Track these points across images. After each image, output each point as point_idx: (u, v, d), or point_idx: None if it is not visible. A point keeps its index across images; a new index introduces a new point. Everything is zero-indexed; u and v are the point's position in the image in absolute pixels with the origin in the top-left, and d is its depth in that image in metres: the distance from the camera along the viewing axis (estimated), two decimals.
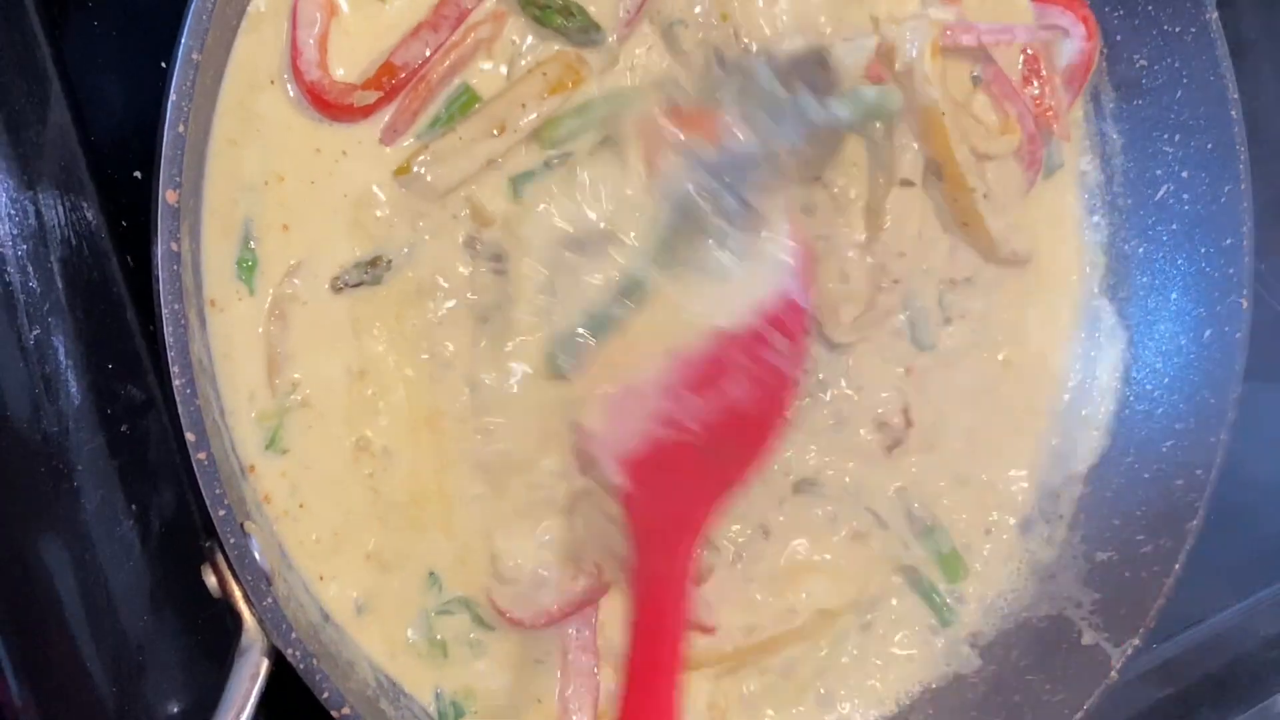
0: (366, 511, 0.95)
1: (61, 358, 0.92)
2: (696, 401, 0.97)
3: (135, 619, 0.94)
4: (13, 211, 0.91)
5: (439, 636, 0.98)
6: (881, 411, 1.13)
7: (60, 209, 0.93)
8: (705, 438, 0.97)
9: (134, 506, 0.94)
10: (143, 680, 0.94)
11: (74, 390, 0.91)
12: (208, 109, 0.87)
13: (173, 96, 0.78)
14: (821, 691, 1.12)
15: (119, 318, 0.94)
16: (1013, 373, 1.20)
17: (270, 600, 0.81)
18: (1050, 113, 1.16)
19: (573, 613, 1.00)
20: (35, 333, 0.91)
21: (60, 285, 0.92)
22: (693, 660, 1.06)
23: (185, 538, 0.95)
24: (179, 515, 0.96)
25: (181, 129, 0.78)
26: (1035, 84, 1.15)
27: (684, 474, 0.96)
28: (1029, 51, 1.15)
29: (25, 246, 0.91)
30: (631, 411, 0.97)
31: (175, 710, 0.95)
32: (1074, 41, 1.17)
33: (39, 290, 0.91)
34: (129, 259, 0.95)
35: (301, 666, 0.82)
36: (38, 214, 0.92)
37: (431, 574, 0.97)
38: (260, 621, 0.82)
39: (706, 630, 1.06)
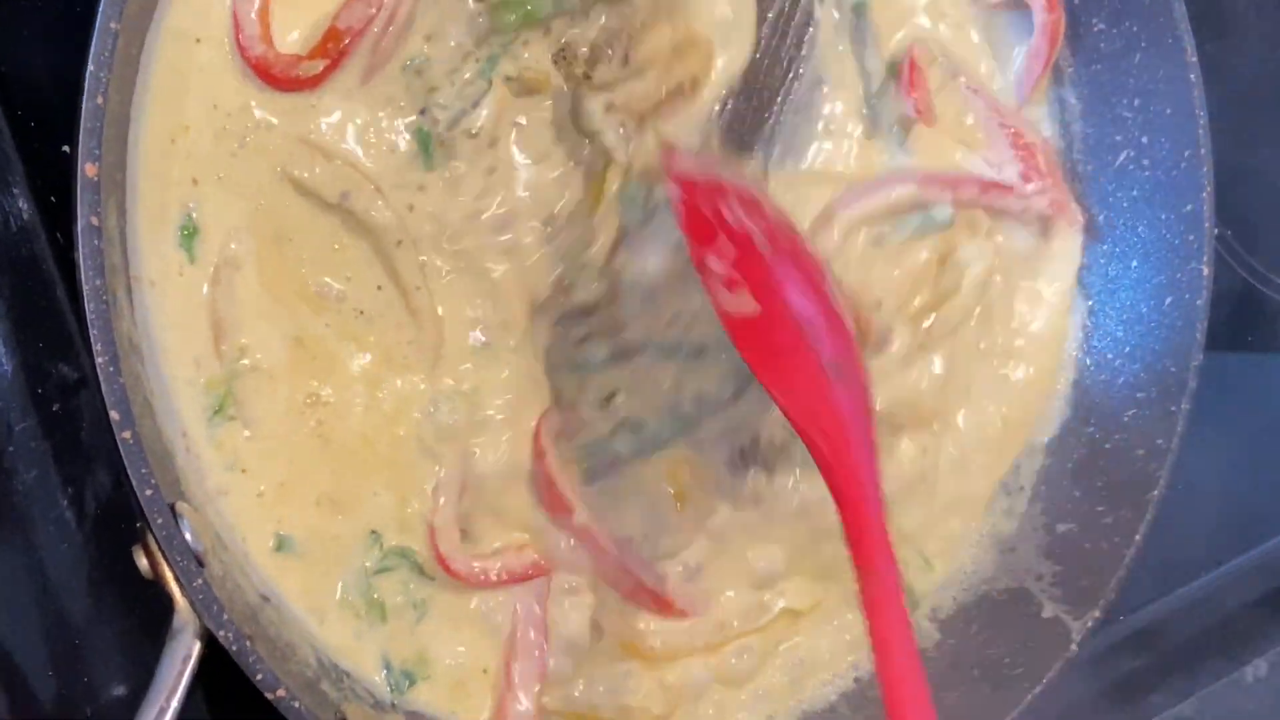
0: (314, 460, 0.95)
1: None
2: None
3: (73, 601, 0.93)
4: None
5: (376, 596, 0.97)
6: None
7: None
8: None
9: (69, 487, 0.93)
10: (81, 663, 0.93)
11: (4, 369, 0.90)
12: (133, 79, 0.85)
13: (90, 67, 0.77)
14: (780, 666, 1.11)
15: (49, 295, 0.93)
16: None
17: (201, 581, 0.80)
18: (1057, 204, 1.16)
19: (512, 582, 0.98)
20: None
21: None
22: (659, 653, 1.05)
23: (121, 518, 0.94)
24: (115, 495, 0.95)
25: (100, 100, 0.77)
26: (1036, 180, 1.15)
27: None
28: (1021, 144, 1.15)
29: None
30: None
31: (116, 693, 0.95)
32: (1037, 14, 1.16)
33: None
34: (58, 235, 0.94)
35: (234, 649, 0.81)
36: None
37: (373, 532, 0.96)
38: (192, 603, 0.80)
39: (681, 614, 1.05)
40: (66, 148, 0.94)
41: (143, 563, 0.82)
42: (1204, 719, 1.27)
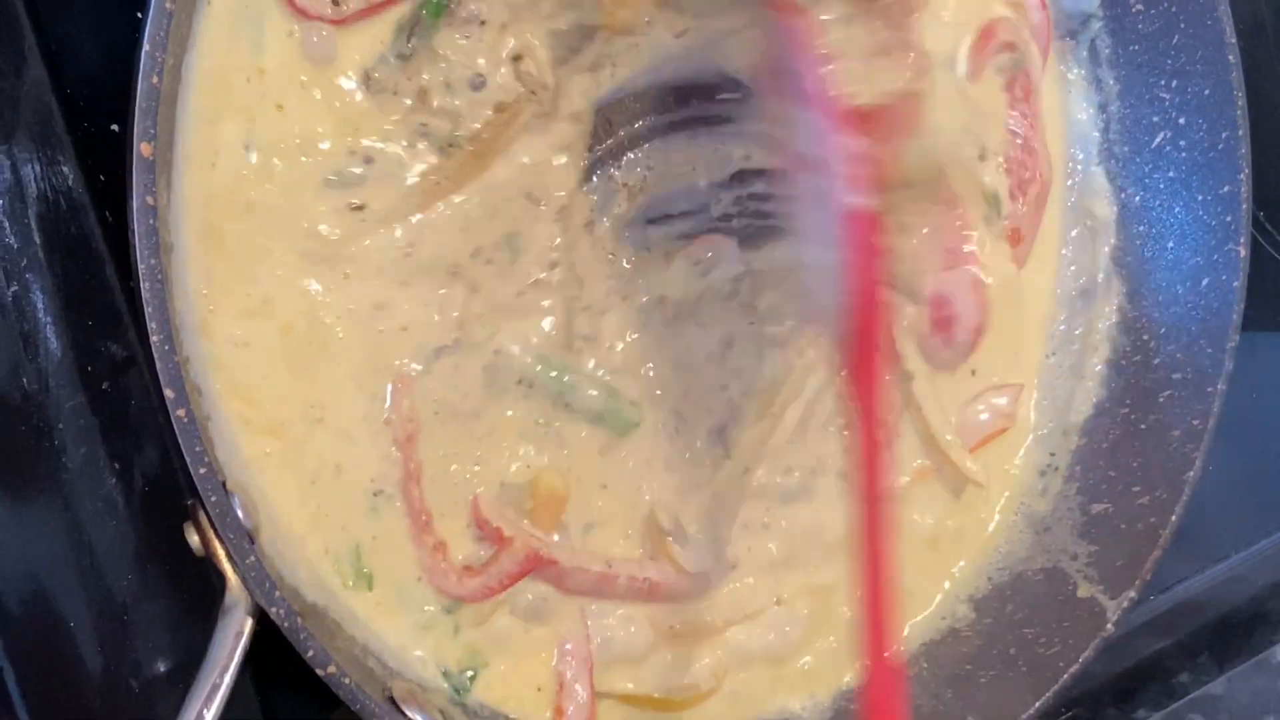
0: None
1: (40, 315, 0.90)
2: None
3: (119, 577, 0.93)
4: None
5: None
6: None
7: (36, 164, 0.91)
8: None
9: (116, 464, 0.93)
10: (128, 638, 0.93)
11: (54, 347, 0.90)
12: (181, 59, 0.85)
13: (146, 46, 0.77)
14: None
15: (98, 274, 0.93)
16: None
17: (253, 559, 0.80)
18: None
19: (517, 580, 0.98)
20: (13, 289, 0.89)
21: (38, 241, 0.91)
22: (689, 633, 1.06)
23: (169, 494, 0.94)
24: (162, 472, 0.95)
25: (155, 80, 0.77)
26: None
27: None
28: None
29: (1, 202, 0.90)
30: None
31: (162, 669, 0.95)
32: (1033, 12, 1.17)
33: (16, 247, 0.90)
34: (107, 214, 0.94)
35: (286, 625, 0.81)
36: (13, 169, 0.90)
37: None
38: (244, 580, 0.81)
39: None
40: (116, 126, 0.95)
41: (194, 540, 0.82)
42: (1233, 699, 1.27)
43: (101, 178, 0.94)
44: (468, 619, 0.98)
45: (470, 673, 0.98)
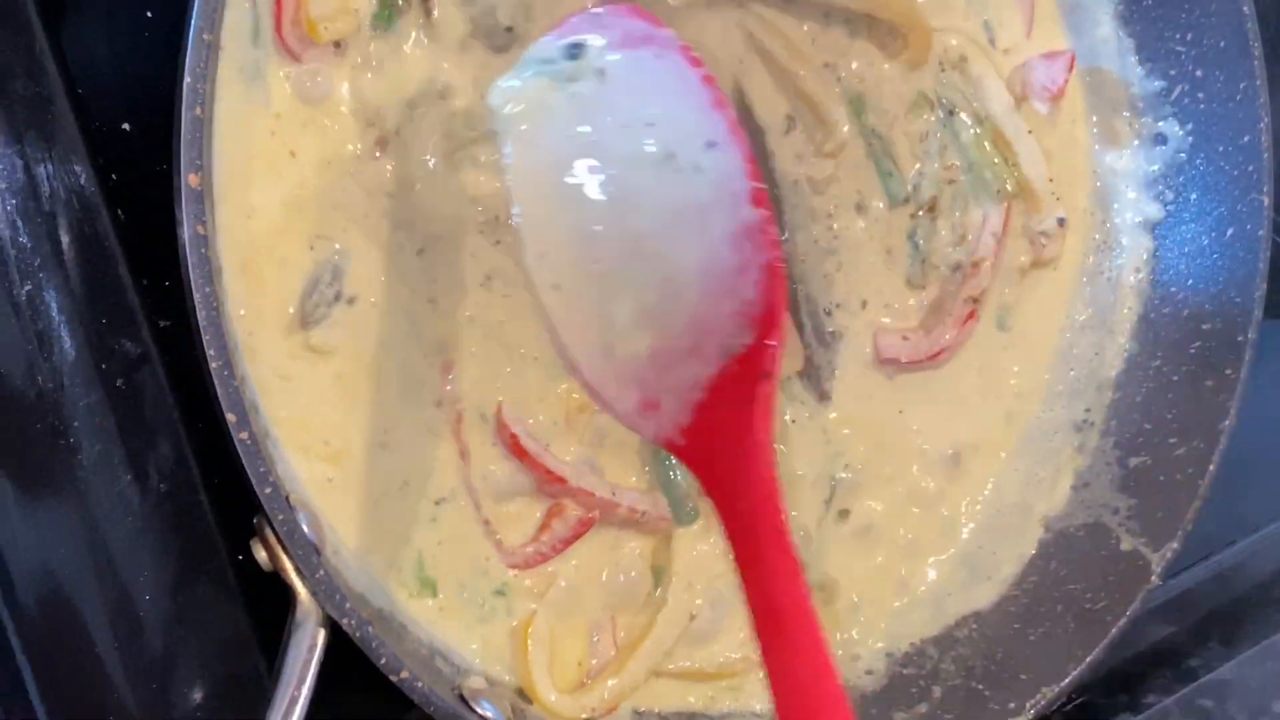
0: None
1: (54, 313, 0.91)
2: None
3: (136, 574, 0.94)
4: (1, 166, 0.90)
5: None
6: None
7: (49, 163, 0.92)
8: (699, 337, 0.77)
9: (132, 461, 0.94)
10: (144, 635, 0.94)
11: (68, 346, 0.91)
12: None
13: (187, 79, 0.77)
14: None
15: (111, 272, 0.94)
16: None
17: (322, 572, 0.82)
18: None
19: (568, 545, 1.01)
20: (27, 288, 0.90)
21: (51, 240, 0.92)
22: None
23: (185, 492, 0.96)
24: (177, 470, 0.96)
25: (198, 111, 0.78)
26: None
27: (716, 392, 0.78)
28: None
29: (14, 202, 0.90)
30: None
31: (180, 665, 0.96)
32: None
33: (29, 246, 0.91)
34: (119, 213, 0.95)
35: (358, 634, 0.82)
36: (26, 168, 0.91)
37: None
38: (314, 593, 0.82)
39: None
40: (127, 125, 0.96)
41: (262, 555, 0.84)
42: (1243, 684, 1.27)
43: (114, 176, 0.95)
44: (522, 601, 1.00)
45: None
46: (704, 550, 1.06)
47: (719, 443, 0.77)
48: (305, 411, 0.92)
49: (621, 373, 0.77)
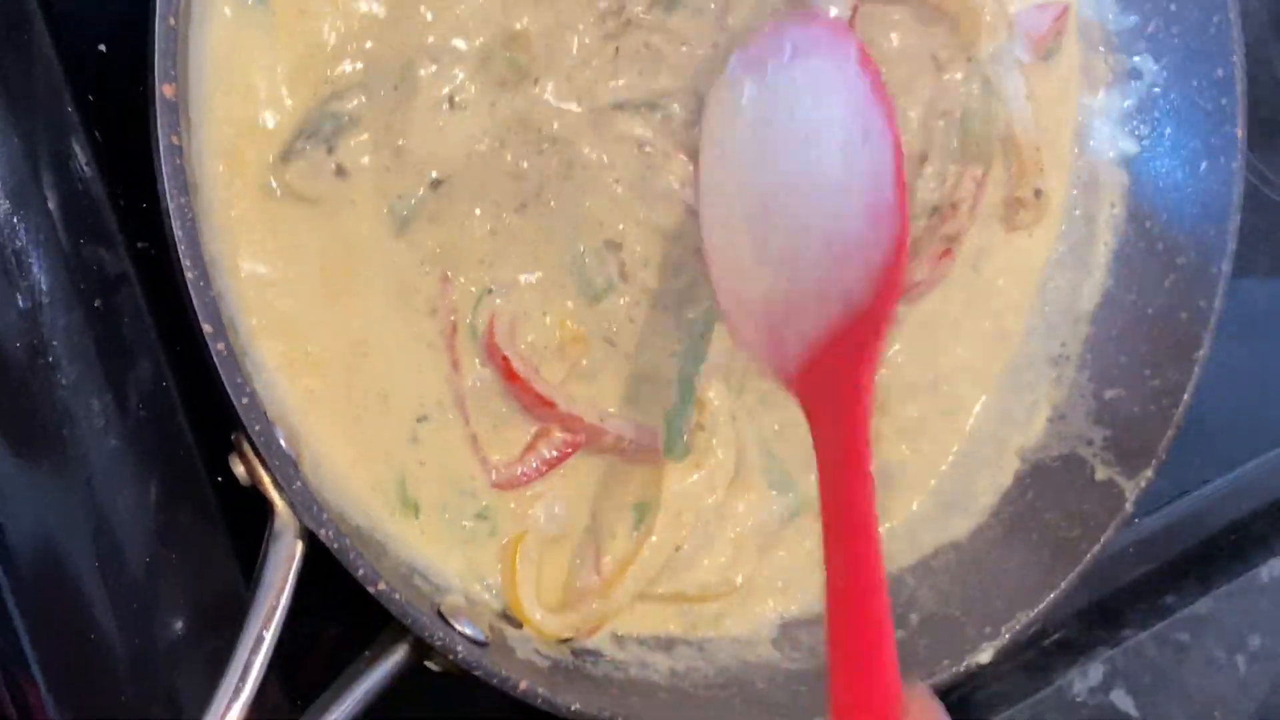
0: None
1: (32, 233, 0.92)
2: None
3: (115, 494, 0.95)
4: None
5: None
6: None
7: (26, 85, 0.93)
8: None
9: (111, 383, 0.95)
10: (124, 558, 0.95)
11: (45, 266, 0.92)
12: None
13: None
14: None
15: (89, 193, 0.95)
16: None
17: (299, 484, 0.82)
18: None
19: (551, 468, 1.02)
20: (3, 208, 0.91)
21: (29, 161, 0.93)
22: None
23: (163, 414, 0.97)
24: (156, 391, 0.97)
25: (172, 21, 0.78)
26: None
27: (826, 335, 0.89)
28: None
29: None
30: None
31: (162, 585, 0.97)
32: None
33: (5, 167, 0.91)
34: (96, 134, 0.95)
35: (335, 546, 0.83)
36: (3, 90, 0.92)
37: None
38: (291, 505, 0.83)
39: None
40: (103, 46, 0.97)
41: (239, 470, 0.84)
42: (1219, 618, 1.29)
43: (90, 97, 0.96)
44: (505, 523, 1.01)
45: None
46: (692, 483, 1.06)
47: (828, 385, 0.87)
48: (287, 314, 0.92)
49: (759, 309, 0.93)
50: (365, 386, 0.96)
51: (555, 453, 1.02)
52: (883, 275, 0.86)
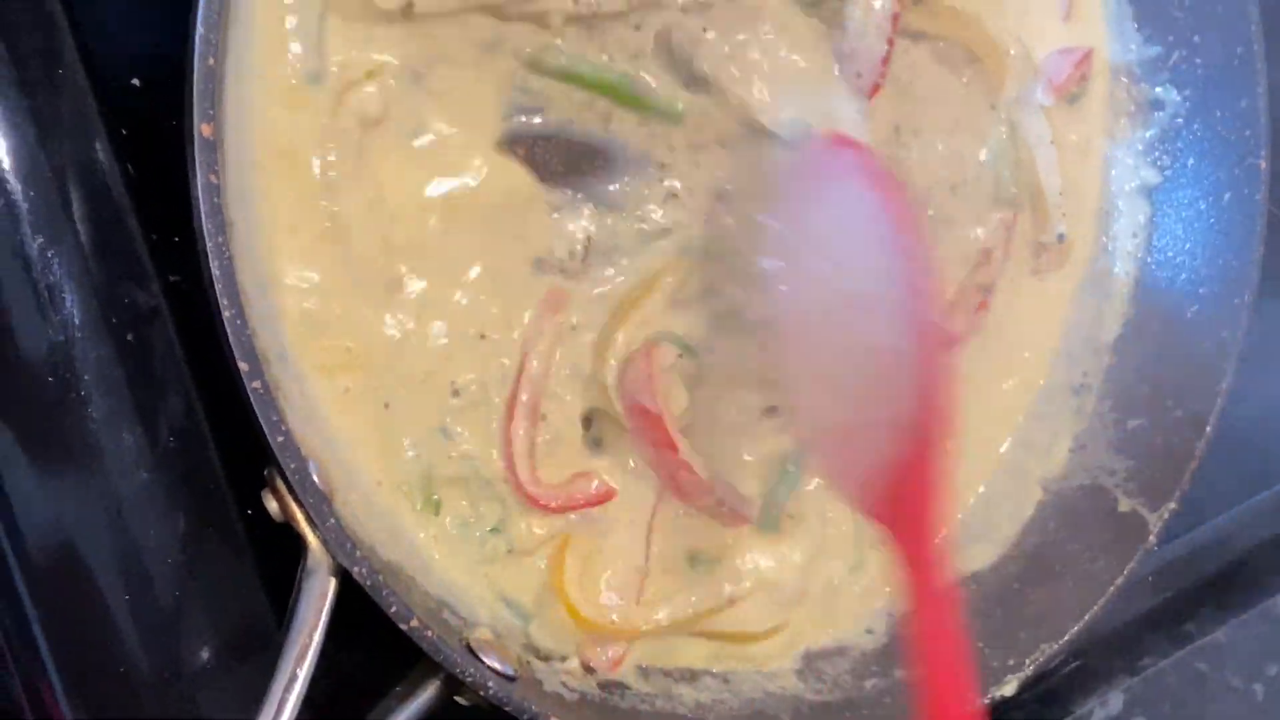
0: None
1: (65, 267, 0.92)
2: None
3: (145, 528, 0.95)
4: (12, 122, 0.91)
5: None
6: None
7: (59, 119, 0.93)
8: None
9: (141, 416, 0.95)
10: (154, 588, 0.95)
11: (78, 299, 0.92)
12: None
13: (200, 30, 0.78)
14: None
15: (122, 227, 0.95)
16: None
17: (333, 521, 0.83)
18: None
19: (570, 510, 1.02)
20: (38, 242, 0.91)
21: (61, 195, 0.92)
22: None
23: (193, 446, 0.97)
24: (186, 424, 0.97)
25: (211, 61, 0.78)
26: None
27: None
28: None
29: (25, 157, 0.91)
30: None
31: (190, 617, 0.97)
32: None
33: (41, 200, 0.91)
34: (129, 168, 0.95)
35: (369, 583, 0.83)
36: (36, 124, 0.92)
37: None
38: (325, 542, 0.83)
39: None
40: (137, 80, 0.97)
41: (272, 505, 0.84)
42: (1237, 647, 1.29)
43: (123, 131, 0.96)
44: (523, 542, 1.01)
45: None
46: (765, 557, 1.08)
47: (898, 511, 0.90)
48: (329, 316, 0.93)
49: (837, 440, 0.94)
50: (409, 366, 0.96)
51: (586, 496, 1.01)
52: (929, 394, 0.88)
